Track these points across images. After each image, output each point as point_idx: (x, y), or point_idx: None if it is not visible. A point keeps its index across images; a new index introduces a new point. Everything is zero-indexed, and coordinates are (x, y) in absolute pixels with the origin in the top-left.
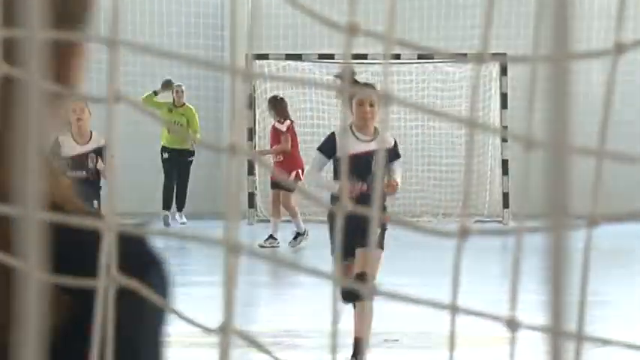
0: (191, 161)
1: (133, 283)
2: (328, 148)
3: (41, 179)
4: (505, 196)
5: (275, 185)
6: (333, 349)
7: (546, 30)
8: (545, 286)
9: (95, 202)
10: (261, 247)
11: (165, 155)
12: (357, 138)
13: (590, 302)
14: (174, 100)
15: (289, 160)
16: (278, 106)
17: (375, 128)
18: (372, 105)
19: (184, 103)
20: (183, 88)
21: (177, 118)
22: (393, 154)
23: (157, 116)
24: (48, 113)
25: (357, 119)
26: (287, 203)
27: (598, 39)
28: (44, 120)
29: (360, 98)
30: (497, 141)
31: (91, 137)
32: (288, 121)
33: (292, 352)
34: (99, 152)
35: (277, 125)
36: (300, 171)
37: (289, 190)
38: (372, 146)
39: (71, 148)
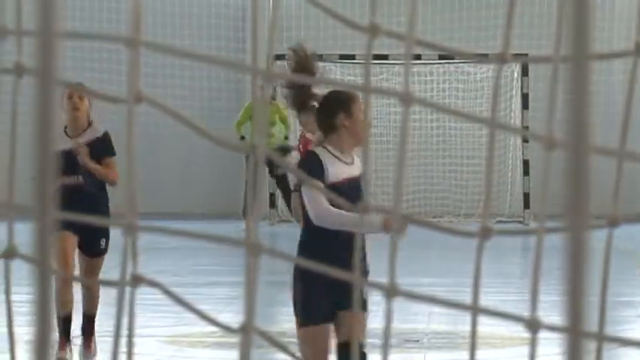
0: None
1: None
2: (318, 173)
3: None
4: (526, 196)
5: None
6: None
7: (567, 30)
8: (564, 286)
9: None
10: None
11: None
12: (340, 159)
13: (613, 303)
14: None
15: None
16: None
17: None
18: None
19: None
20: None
21: (277, 115)
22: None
23: (179, 116)
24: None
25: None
26: None
27: (619, 39)
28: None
29: None
30: (519, 141)
31: (88, 127)
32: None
33: None
34: (95, 144)
35: (309, 135)
36: None
37: None
38: (355, 170)
39: (61, 142)
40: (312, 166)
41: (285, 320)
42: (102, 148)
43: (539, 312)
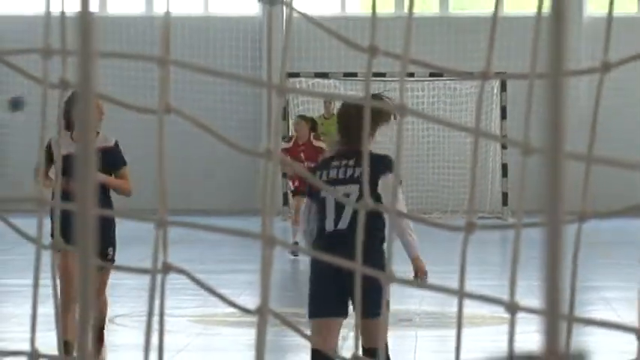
0: None
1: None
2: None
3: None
4: (504, 195)
5: (297, 192)
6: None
7: (543, 51)
8: (542, 273)
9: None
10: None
11: None
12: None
13: (580, 287)
14: (324, 112)
15: None
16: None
17: None
18: None
19: (334, 114)
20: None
21: (328, 129)
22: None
23: (205, 126)
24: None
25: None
26: None
27: (586, 59)
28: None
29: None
30: (498, 147)
31: (96, 136)
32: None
33: None
34: (106, 153)
35: (316, 143)
36: None
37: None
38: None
39: (67, 145)
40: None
41: (299, 304)
42: (114, 157)
43: (516, 296)
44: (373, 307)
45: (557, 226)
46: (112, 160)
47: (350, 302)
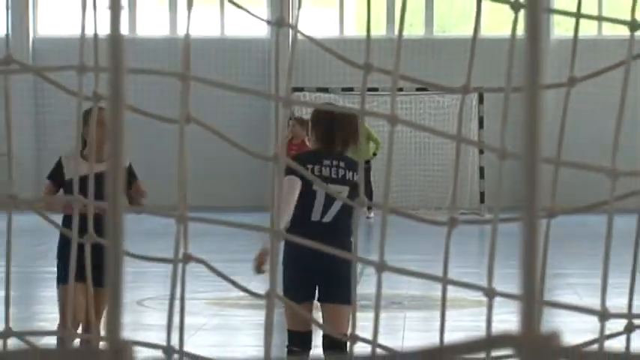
0: (369, 167)
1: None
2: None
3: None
4: (482, 194)
5: None
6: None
7: (517, 68)
8: (520, 262)
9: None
10: None
11: None
12: None
13: (548, 274)
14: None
15: None
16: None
17: None
18: None
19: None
20: None
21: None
22: None
23: (222, 134)
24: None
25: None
26: None
27: (553, 76)
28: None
29: None
30: (476, 152)
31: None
32: None
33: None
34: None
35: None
36: None
37: None
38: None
39: (79, 167)
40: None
41: None
42: (129, 175)
43: (493, 282)
44: (347, 294)
45: (533, 221)
46: (127, 177)
47: (317, 288)
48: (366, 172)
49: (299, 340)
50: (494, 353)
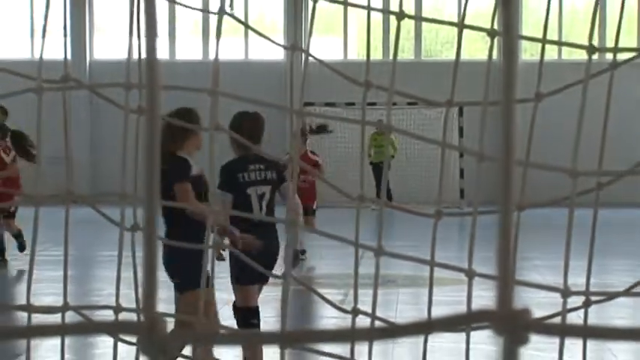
0: (389, 167)
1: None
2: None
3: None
4: (461, 191)
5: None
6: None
7: (491, 86)
8: (495, 247)
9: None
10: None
11: (371, 167)
12: None
13: (518, 258)
14: (377, 129)
15: (313, 186)
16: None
17: None
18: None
19: (383, 133)
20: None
21: (381, 142)
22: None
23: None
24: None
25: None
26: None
27: (522, 93)
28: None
29: None
30: (457, 156)
31: None
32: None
33: (324, 289)
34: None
35: (311, 156)
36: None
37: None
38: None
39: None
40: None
41: (319, 267)
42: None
43: (473, 265)
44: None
45: (508, 214)
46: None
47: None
48: (380, 171)
49: (257, 314)
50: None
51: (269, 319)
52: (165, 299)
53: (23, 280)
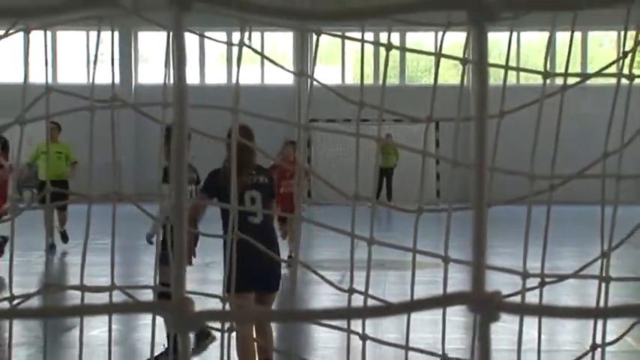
0: (392, 172)
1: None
2: None
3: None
4: (437, 192)
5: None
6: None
7: (465, 104)
8: (472, 238)
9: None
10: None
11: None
12: None
13: (487, 247)
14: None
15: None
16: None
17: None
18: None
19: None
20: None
21: (388, 151)
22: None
23: (264, 151)
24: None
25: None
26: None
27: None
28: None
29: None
30: (434, 162)
31: None
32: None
33: (325, 271)
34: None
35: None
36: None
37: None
38: None
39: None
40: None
41: (320, 254)
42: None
43: (448, 252)
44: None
45: (481, 211)
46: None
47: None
48: (389, 175)
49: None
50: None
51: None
52: (199, 280)
53: (76, 265)
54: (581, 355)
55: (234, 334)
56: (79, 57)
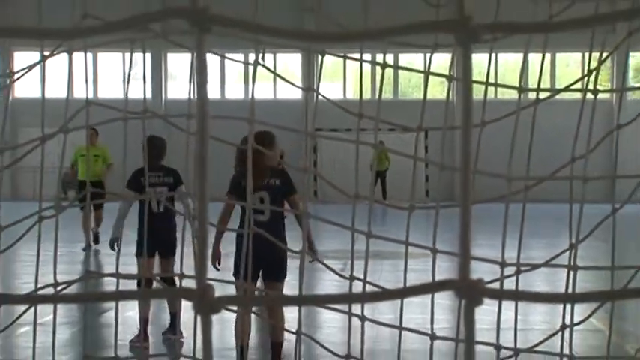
0: (385, 175)
1: None
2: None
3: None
4: (427, 191)
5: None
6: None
7: (450, 116)
8: (459, 232)
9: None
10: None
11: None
12: None
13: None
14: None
15: None
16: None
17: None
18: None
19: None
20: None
21: (381, 156)
22: None
23: (280, 157)
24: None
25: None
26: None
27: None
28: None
29: None
30: (423, 166)
31: None
32: None
33: (329, 260)
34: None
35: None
36: None
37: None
38: None
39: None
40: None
41: (325, 245)
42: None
43: (436, 244)
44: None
45: (467, 209)
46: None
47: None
48: (383, 177)
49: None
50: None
51: (288, 281)
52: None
53: (112, 256)
54: (553, 334)
55: (234, 315)
56: (115, 75)
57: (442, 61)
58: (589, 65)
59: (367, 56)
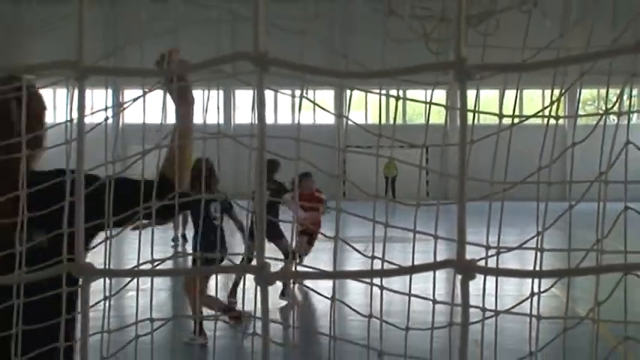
0: (395, 179)
1: None
2: None
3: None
4: (427, 192)
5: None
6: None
7: (446, 135)
8: (457, 222)
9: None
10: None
11: (385, 180)
12: None
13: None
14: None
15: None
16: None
17: None
18: None
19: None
20: None
21: (390, 167)
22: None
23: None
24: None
25: None
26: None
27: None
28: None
29: None
30: (424, 173)
31: None
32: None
33: (354, 243)
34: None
35: (317, 194)
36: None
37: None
38: None
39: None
40: None
41: (351, 232)
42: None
43: (437, 232)
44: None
45: (462, 205)
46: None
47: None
48: (393, 182)
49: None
50: None
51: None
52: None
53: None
54: (524, 299)
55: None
56: (197, 107)
57: (438, 96)
58: (551, 98)
59: (383, 91)
